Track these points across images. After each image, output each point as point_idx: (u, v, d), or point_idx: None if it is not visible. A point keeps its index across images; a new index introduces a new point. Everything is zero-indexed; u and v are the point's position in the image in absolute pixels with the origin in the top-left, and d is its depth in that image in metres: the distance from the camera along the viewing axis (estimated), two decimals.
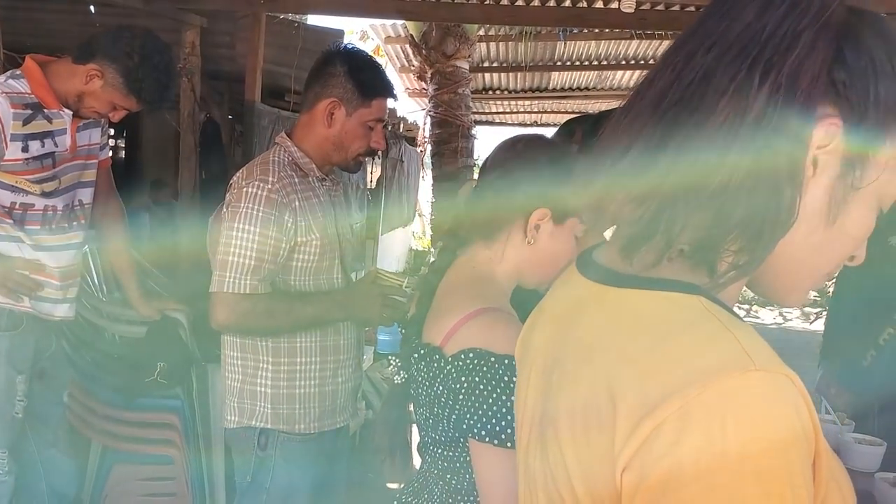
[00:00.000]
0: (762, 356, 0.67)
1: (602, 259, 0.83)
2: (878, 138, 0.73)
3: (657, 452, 0.65)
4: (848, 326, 3.10)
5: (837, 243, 0.77)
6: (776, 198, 0.70)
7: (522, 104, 10.53)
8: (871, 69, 0.72)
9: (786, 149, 0.69)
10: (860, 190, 0.75)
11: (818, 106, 0.71)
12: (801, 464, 0.64)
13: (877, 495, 2.03)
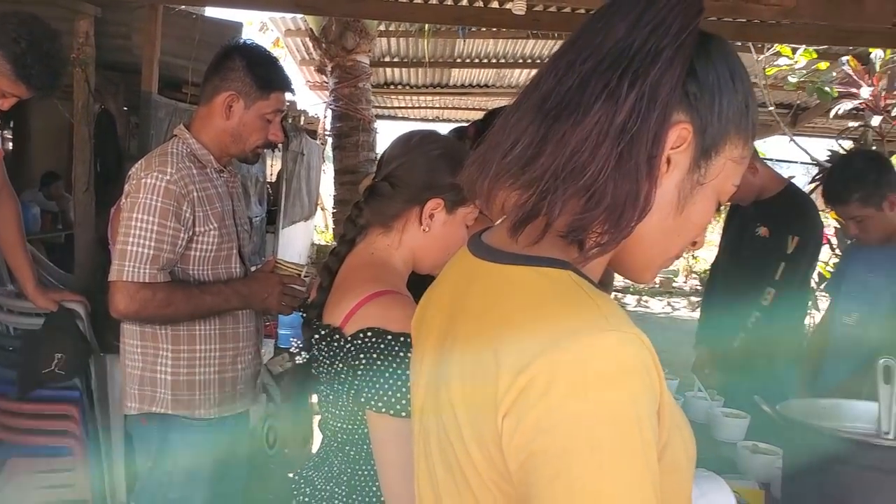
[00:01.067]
0: (617, 320, 0.79)
1: (490, 240, 0.95)
2: (720, 142, 0.88)
3: (531, 400, 0.77)
4: (720, 312, 3.35)
5: (684, 229, 0.91)
6: (636, 189, 0.83)
7: (424, 99, 10.64)
8: (717, 84, 0.86)
9: (646, 148, 0.82)
10: (704, 185, 0.89)
11: (674, 113, 0.84)
12: (648, 410, 0.77)
13: (738, 461, 2.24)
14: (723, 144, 0.88)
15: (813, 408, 1.88)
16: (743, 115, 0.88)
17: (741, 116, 0.88)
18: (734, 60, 0.89)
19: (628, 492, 0.74)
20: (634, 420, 0.75)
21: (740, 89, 0.88)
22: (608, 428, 0.74)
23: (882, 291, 2.69)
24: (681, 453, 0.84)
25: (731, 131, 0.88)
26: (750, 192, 3.20)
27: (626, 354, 0.77)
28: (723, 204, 0.93)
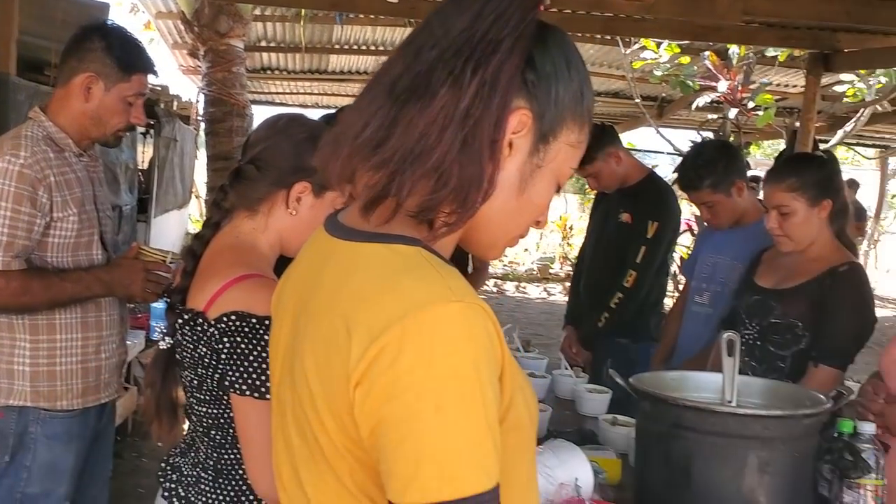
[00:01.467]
0: (462, 292, 0.84)
1: (344, 219, 0.98)
2: (557, 128, 0.94)
3: (381, 368, 0.81)
4: (586, 294, 3.51)
5: (526, 210, 0.96)
6: (481, 171, 0.88)
7: (302, 85, 10.50)
8: (553, 73, 0.92)
9: (489, 132, 0.88)
10: (543, 168, 0.94)
11: (514, 99, 0.89)
12: (489, 372, 0.82)
13: (600, 433, 2.36)
14: (560, 129, 0.94)
15: (662, 380, 2.01)
16: (578, 102, 0.94)
17: (576, 103, 0.94)
18: (570, 51, 0.95)
19: (470, 448, 0.79)
20: (476, 383, 0.80)
21: (576, 78, 0.94)
22: (452, 391, 0.79)
23: (730, 272, 2.88)
24: (523, 412, 0.90)
25: (568, 117, 0.94)
26: (614, 181, 3.36)
27: (470, 323, 0.82)
28: (562, 185, 0.99)
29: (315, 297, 0.94)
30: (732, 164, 2.87)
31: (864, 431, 1.70)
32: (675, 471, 1.71)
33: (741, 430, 1.66)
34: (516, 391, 0.89)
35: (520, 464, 0.91)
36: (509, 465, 0.87)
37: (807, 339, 2.30)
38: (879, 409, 1.86)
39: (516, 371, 0.90)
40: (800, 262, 2.38)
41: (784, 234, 2.35)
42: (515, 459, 0.89)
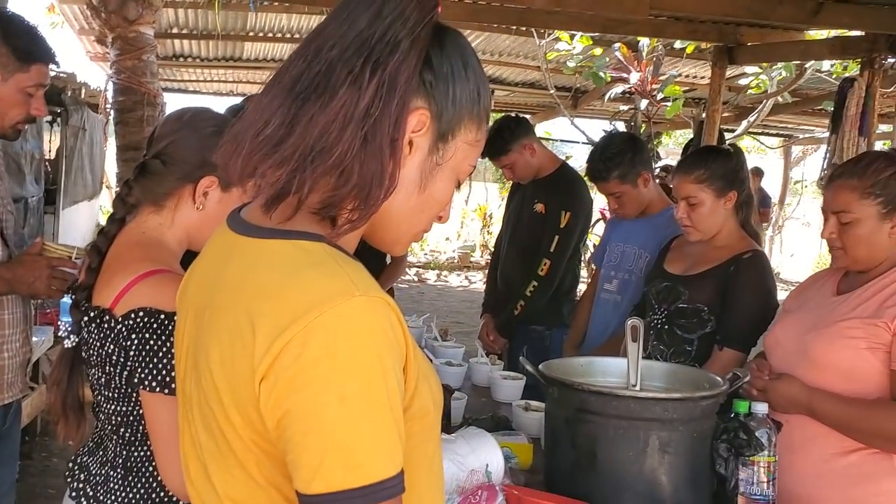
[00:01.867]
0: (365, 286, 0.87)
1: (247, 216, 0.99)
2: (455, 127, 0.97)
3: (286, 362, 0.83)
4: (503, 283, 3.57)
5: (428, 206, 0.99)
6: (381, 169, 0.90)
7: (216, 73, 10.29)
8: (450, 74, 0.95)
9: (388, 131, 0.90)
10: (443, 166, 0.98)
11: (413, 99, 0.92)
12: (393, 363, 0.85)
13: (513, 419, 2.42)
14: (458, 129, 0.97)
15: (570, 366, 2.07)
16: (475, 102, 0.98)
17: (473, 103, 0.98)
18: (467, 52, 0.98)
19: (374, 437, 0.82)
20: (380, 373, 0.83)
21: (472, 78, 0.97)
22: (356, 382, 0.82)
23: (637, 260, 2.98)
24: (428, 400, 0.93)
25: (465, 117, 0.97)
26: (529, 172, 3.43)
27: (373, 316, 0.85)
28: (462, 182, 1.02)
29: (219, 293, 0.95)
30: (639, 156, 2.97)
31: (757, 411, 1.80)
32: (582, 453, 1.77)
33: (643, 412, 1.73)
34: (421, 380, 0.92)
35: (424, 449, 0.94)
36: (414, 450, 0.90)
37: (712, 323, 2.40)
38: (762, 385, 1.96)
39: (421, 360, 0.93)
40: (706, 250, 2.49)
41: (692, 223, 2.45)
42: (420, 445, 0.92)
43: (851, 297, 1.96)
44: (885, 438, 1.84)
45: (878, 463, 1.87)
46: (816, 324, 1.97)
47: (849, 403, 1.87)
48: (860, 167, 1.94)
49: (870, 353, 1.86)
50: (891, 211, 1.90)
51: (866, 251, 1.94)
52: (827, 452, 1.91)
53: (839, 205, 1.94)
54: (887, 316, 1.85)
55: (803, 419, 1.92)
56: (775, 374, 1.97)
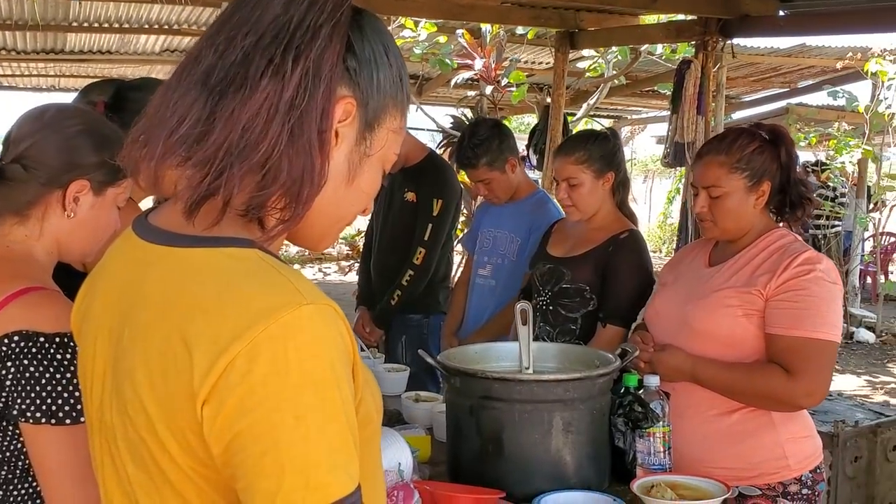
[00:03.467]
0: (311, 293, 0.81)
1: (160, 222, 0.90)
2: (381, 115, 0.92)
3: (232, 383, 0.76)
4: (378, 273, 3.54)
5: (356, 198, 0.94)
6: (311, 163, 0.84)
7: (36, 66, 9.53)
8: (374, 59, 0.90)
9: (316, 123, 0.84)
10: (370, 156, 0.93)
11: (338, 87, 0.86)
12: (345, 373, 0.81)
13: (403, 411, 2.40)
14: (384, 116, 0.92)
15: (467, 354, 2.08)
16: (399, 88, 0.94)
17: (397, 89, 0.93)
18: (386, 36, 0.94)
19: (333, 453, 0.78)
20: (335, 386, 0.79)
21: (394, 63, 0.93)
22: (311, 396, 0.77)
23: (509, 245, 3.03)
24: (371, 407, 0.89)
25: (390, 104, 0.93)
26: (398, 161, 3.40)
27: (323, 325, 0.80)
28: (387, 171, 0.98)
29: (140, 310, 0.86)
30: (505, 142, 3.01)
31: (649, 384, 1.87)
32: (488, 440, 1.79)
33: (545, 395, 1.77)
34: (365, 387, 0.88)
35: (368, 456, 0.90)
36: (361, 459, 0.86)
37: (594, 301, 2.48)
38: (649, 357, 2.05)
39: (363, 367, 0.89)
40: (586, 232, 2.57)
41: (573, 203, 2.52)
42: (365, 453, 0.88)
43: (724, 267, 2.08)
44: (763, 397, 1.97)
45: (757, 419, 2.00)
46: (693, 295, 2.08)
47: (729, 368, 1.98)
48: (726, 144, 2.06)
49: (746, 320, 1.98)
50: (755, 184, 2.03)
51: (734, 222, 2.06)
52: (711, 414, 2.02)
53: (709, 180, 2.05)
54: (759, 284, 1.97)
55: (688, 386, 2.02)
56: (660, 346, 2.05)
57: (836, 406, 3.76)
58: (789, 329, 1.92)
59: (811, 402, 1.98)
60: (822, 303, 1.94)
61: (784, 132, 2.12)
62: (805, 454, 2.04)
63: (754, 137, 2.07)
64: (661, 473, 1.81)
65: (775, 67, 9.15)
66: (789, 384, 1.91)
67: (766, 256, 2.02)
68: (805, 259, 1.96)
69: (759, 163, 2.04)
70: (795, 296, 1.93)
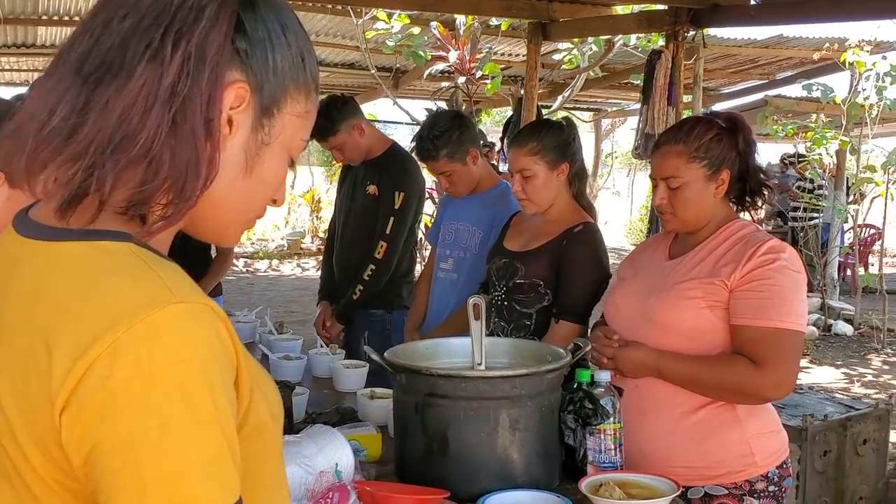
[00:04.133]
0: (182, 290, 0.75)
1: (38, 216, 0.84)
2: (280, 99, 0.86)
3: (91, 388, 0.70)
4: (339, 268, 3.48)
5: (258, 190, 0.88)
6: (197, 155, 0.78)
7: (7, 61, 9.40)
8: (268, 39, 0.84)
9: (201, 110, 0.78)
10: (270, 144, 0.86)
11: (227, 72, 0.80)
12: (222, 378, 0.74)
13: (358, 408, 2.35)
14: (283, 101, 0.86)
15: (416, 350, 2.03)
16: (300, 69, 0.87)
17: (298, 71, 0.87)
18: (285, 14, 0.87)
19: (204, 465, 0.71)
20: (207, 391, 0.72)
21: (294, 43, 0.86)
22: (178, 403, 0.71)
23: (470, 238, 2.98)
24: (265, 414, 0.83)
25: (290, 86, 0.86)
26: (359, 153, 3.34)
27: (194, 325, 0.74)
28: (295, 160, 0.92)
29: (7, 307, 0.80)
30: (466, 133, 2.95)
31: (600, 380, 1.82)
32: (433, 439, 1.73)
33: (491, 391, 1.71)
34: (255, 392, 0.81)
35: (265, 468, 0.84)
36: (253, 472, 0.80)
37: (549, 296, 2.43)
38: (612, 353, 2.00)
39: (255, 370, 0.83)
40: (542, 225, 2.51)
41: (527, 196, 2.46)
42: (260, 464, 0.82)
43: (685, 259, 2.03)
44: (731, 390, 1.92)
45: (723, 415, 1.95)
46: (655, 288, 2.03)
47: (693, 361, 1.93)
48: (683, 133, 2.01)
49: (710, 312, 1.92)
50: (714, 173, 1.98)
51: (694, 213, 2.01)
52: (677, 411, 1.97)
53: (667, 171, 2.00)
54: (723, 274, 1.92)
55: (652, 381, 1.97)
56: (623, 342, 2.00)
57: (805, 399, 3.74)
58: (755, 319, 1.87)
59: (779, 393, 1.93)
60: (788, 292, 1.89)
61: (741, 119, 2.08)
62: (771, 450, 1.99)
63: (711, 125, 2.02)
64: (612, 471, 1.76)
65: (753, 59, 9.15)
66: (757, 375, 1.86)
67: (729, 246, 1.98)
68: (769, 248, 1.92)
69: (718, 151, 1.99)
70: (760, 285, 1.88)
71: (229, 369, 0.76)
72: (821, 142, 8.05)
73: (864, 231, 10.86)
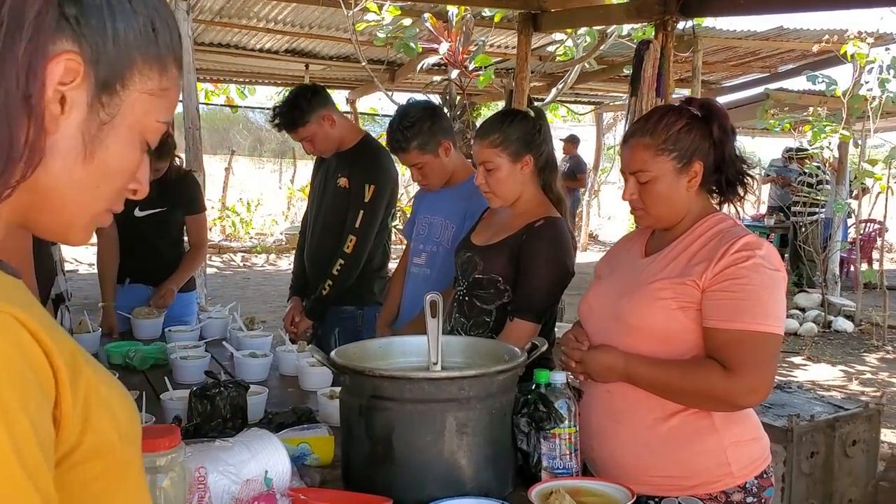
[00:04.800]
0: None
1: None
2: (124, 74, 0.76)
3: None
4: (310, 262, 3.39)
5: (103, 178, 0.78)
6: (11, 137, 0.69)
7: None
8: (105, 6, 0.74)
9: (18, 86, 0.69)
10: (115, 124, 0.77)
11: (53, 41, 0.70)
12: (25, 402, 0.64)
13: (318, 408, 2.26)
14: (129, 76, 0.77)
15: (368, 349, 1.94)
16: (150, 41, 0.78)
17: (148, 43, 0.77)
18: None
19: None
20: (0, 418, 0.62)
21: (141, 11, 0.77)
22: None
23: (443, 232, 2.88)
24: (110, 432, 0.73)
25: (138, 60, 0.77)
26: (329, 145, 3.25)
27: None
28: (152, 143, 0.81)
29: None
30: (437, 124, 2.85)
31: (555, 381, 1.73)
32: (378, 443, 1.64)
33: (437, 394, 1.62)
34: (94, 409, 0.71)
35: (115, 492, 0.75)
36: (98, 496, 0.72)
37: (509, 293, 2.33)
38: (580, 356, 1.89)
39: (96, 384, 0.73)
40: (507, 219, 2.42)
41: (490, 189, 2.37)
42: (107, 489, 0.73)
43: (658, 257, 1.92)
44: (701, 396, 1.80)
45: (698, 422, 1.84)
46: (627, 288, 1.92)
47: (663, 365, 1.82)
48: (651, 124, 1.91)
49: (681, 313, 1.82)
50: (685, 165, 1.88)
51: (667, 208, 1.91)
52: (649, 418, 1.86)
53: (636, 164, 1.90)
54: (695, 274, 1.81)
55: (624, 387, 1.86)
56: (594, 345, 1.91)
57: (794, 399, 3.64)
58: (727, 322, 1.76)
59: (753, 400, 1.81)
60: (763, 291, 1.77)
61: (716, 106, 1.97)
62: (749, 459, 1.87)
63: (681, 115, 1.91)
64: (567, 478, 1.67)
65: (754, 51, 9.03)
66: (728, 381, 1.75)
67: (703, 243, 1.87)
68: (743, 244, 1.80)
69: (688, 142, 1.88)
70: (733, 285, 1.77)
71: (41, 391, 0.66)
72: (819, 135, 7.93)
73: (867, 226, 10.73)
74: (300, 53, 8.99)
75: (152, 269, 3.53)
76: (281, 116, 3.17)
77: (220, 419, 2.08)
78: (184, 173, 3.63)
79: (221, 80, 11.18)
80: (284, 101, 3.21)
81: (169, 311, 3.39)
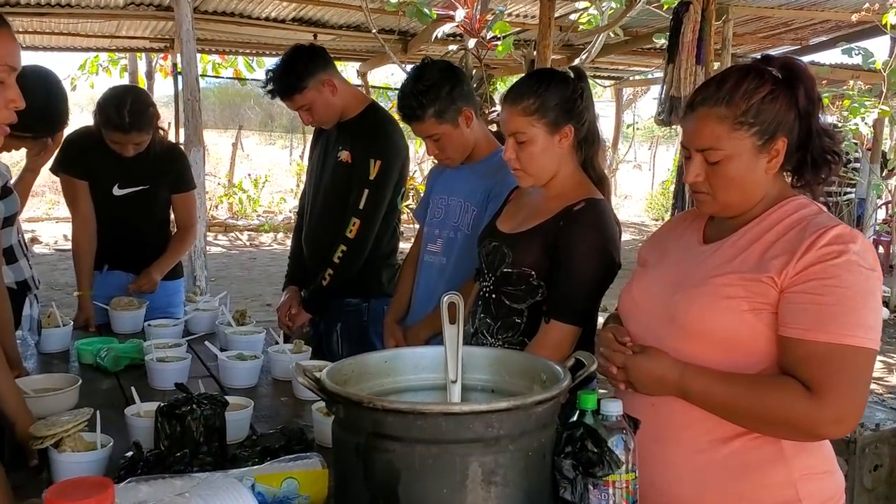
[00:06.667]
0: None
1: None
2: None
3: None
4: (308, 248, 3.02)
5: None
6: None
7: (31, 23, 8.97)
8: None
9: None
10: None
11: None
12: None
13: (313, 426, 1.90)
14: None
15: (370, 364, 1.56)
16: None
17: None
18: None
19: None
20: None
21: None
22: None
23: (463, 215, 2.50)
24: None
25: None
26: (331, 114, 2.85)
27: None
28: None
29: None
30: (458, 88, 2.45)
31: (609, 413, 1.35)
32: (379, 492, 1.27)
33: (458, 432, 1.24)
34: None
35: None
36: None
37: (543, 289, 1.96)
38: (623, 360, 1.56)
39: None
40: (540, 202, 2.05)
41: (521, 166, 2.00)
42: None
43: (724, 245, 1.57)
44: (775, 422, 1.46)
45: (762, 448, 1.51)
46: (684, 281, 1.57)
47: (729, 381, 1.48)
48: (727, 90, 1.52)
49: (753, 317, 1.47)
50: (767, 142, 1.51)
51: (739, 194, 1.55)
52: (703, 440, 1.53)
53: (706, 140, 1.52)
54: (772, 269, 1.46)
55: (673, 402, 1.53)
56: (638, 347, 1.55)
57: None
58: (812, 331, 1.41)
59: (839, 431, 1.45)
60: (857, 296, 1.41)
61: (801, 67, 1.58)
62: (823, 496, 1.54)
63: (764, 79, 1.53)
64: None
65: (786, 22, 8.57)
66: (811, 406, 1.40)
67: (782, 232, 1.51)
68: (834, 237, 1.44)
69: (772, 113, 1.51)
70: (821, 286, 1.42)
71: None
72: (858, 111, 7.46)
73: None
74: (308, 22, 8.58)
75: (133, 255, 3.14)
76: (275, 82, 2.77)
77: (193, 443, 1.72)
78: (169, 146, 3.24)
79: (227, 51, 10.78)
80: (279, 65, 2.80)
81: (153, 302, 3.02)
